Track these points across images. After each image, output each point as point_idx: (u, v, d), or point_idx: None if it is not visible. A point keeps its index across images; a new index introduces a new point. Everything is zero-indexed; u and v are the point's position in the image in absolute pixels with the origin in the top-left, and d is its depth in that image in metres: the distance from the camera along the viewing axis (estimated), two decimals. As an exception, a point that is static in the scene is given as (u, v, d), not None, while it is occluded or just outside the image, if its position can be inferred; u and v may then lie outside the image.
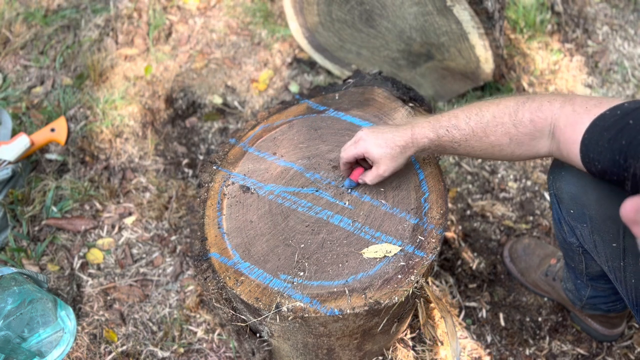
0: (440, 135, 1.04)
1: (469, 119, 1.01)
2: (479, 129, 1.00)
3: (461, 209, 1.80)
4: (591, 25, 2.31)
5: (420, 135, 1.05)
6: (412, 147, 1.07)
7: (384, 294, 1.01)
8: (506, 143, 0.99)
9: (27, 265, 1.66)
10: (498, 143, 1.00)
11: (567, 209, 1.08)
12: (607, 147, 0.85)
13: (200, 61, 2.24)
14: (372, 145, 1.08)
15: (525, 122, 0.96)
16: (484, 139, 1.01)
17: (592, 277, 1.29)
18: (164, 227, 1.77)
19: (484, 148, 1.02)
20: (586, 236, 1.07)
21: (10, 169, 1.73)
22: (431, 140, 1.05)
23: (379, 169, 1.10)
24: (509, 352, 1.52)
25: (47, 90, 2.13)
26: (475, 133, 1.01)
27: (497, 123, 0.99)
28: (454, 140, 1.03)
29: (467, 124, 1.01)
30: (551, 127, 0.95)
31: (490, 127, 0.99)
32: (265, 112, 1.37)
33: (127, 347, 1.53)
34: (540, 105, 0.95)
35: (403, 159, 1.09)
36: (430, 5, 1.71)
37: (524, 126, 0.97)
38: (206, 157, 1.96)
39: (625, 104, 0.87)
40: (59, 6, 2.41)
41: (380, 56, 2.04)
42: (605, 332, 1.49)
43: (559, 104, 0.94)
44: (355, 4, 1.87)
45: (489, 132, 1.00)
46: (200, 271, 1.09)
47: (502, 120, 0.98)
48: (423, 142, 1.05)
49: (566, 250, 1.25)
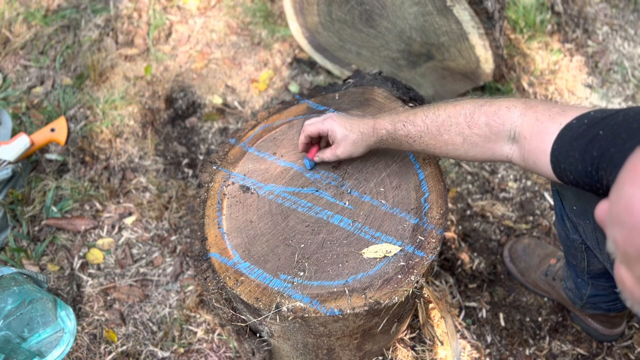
0: (397, 129, 1.08)
1: (425, 117, 1.05)
2: (434, 127, 1.04)
3: (461, 209, 1.80)
4: (591, 25, 2.31)
5: (380, 126, 1.10)
6: (372, 136, 1.11)
7: (384, 294, 1.01)
8: (459, 142, 1.02)
9: (27, 265, 1.66)
10: (451, 142, 1.03)
11: (570, 205, 1.08)
12: (578, 158, 0.85)
13: (200, 61, 2.24)
14: (337, 126, 1.13)
15: (481, 125, 0.99)
16: (437, 137, 1.04)
17: (593, 275, 1.29)
18: (164, 227, 1.77)
19: (438, 146, 1.05)
20: (589, 233, 1.07)
21: (10, 169, 1.73)
22: (388, 132, 1.09)
23: (337, 149, 1.15)
24: (509, 352, 1.52)
25: (47, 90, 2.13)
26: (430, 130, 1.05)
27: (451, 123, 1.02)
28: (409, 135, 1.07)
29: (423, 121, 1.05)
30: (511, 134, 0.96)
31: (445, 126, 1.03)
32: (265, 112, 1.37)
33: (127, 347, 1.53)
34: (497, 110, 0.97)
35: (362, 145, 1.13)
36: (430, 5, 1.71)
37: (479, 128, 0.99)
38: (206, 157, 1.96)
39: (592, 113, 0.86)
40: (59, 6, 2.41)
41: (380, 56, 2.04)
42: (605, 331, 1.49)
43: (519, 112, 0.95)
44: (355, 4, 1.87)
45: (442, 130, 1.03)
46: (200, 271, 1.09)
47: (457, 120, 1.01)
48: (381, 133, 1.10)
49: (568, 247, 1.25)
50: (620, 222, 0.55)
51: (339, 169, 1.22)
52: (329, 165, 1.22)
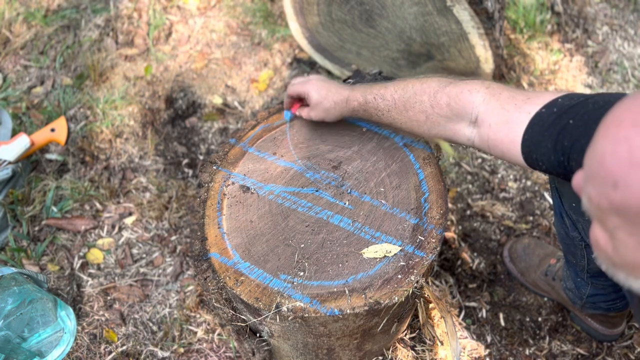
0: (367, 101, 1.12)
1: (394, 92, 1.08)
2: (400, 103, 1.07)
3: (461, 209, 1.80)
4: (591, 25, 2.31)
5: (352, 97, 1.15)
6: (345, 107, 1.16)
7: (384, 294, 1.01)
8: (422, 120, 1.05)
9: (27, 265, 1.66)
10: (415, 119, 1.06)
11: (569, 202, 1.08)
12: (550, 148, 0.86)
13: (200, 61, 2.24)
14: (313, 90, 1.19)
15: (442, 105, 1.01)
16: (403, 113, 1.08)
17: (593, 273, 1.29)
18: (164, 227, 1.77)
19: (404, 121, 1.09)
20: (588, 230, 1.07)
21: (10, 169, 1.73)
22: (360, 104, 1.13)
23: (311, 112, 1.22)
24: (509, 352, 1.52)
25: (47, 90, 2.13)
26: (397, 106, 1.08)
27: (416, 100, 1.05)
28: (378, 108, 1.11)
29: (392, 95, 1.08)
30: (472, 117, 0.98)
31: (410, 103, 1.06)
32: (265, 112, 1.37)
33: (127, 347, 1.53)
34: (459, 93, 0.99)
35: (334, 113, 1.19)
36: (430, 5, 1.71)
37: (440, 108, 1.01)
38: (206, 157, 1.96)
39: (559, 100, 0.87)
40: (59, 6, 2.41)
41: (380, 56, 2.04)
42: (605, 331, 1.49)
43: (482, 97, 0.96)
44: (355, 4, 1.87)
45: (408, 106, 1.06)
46: (200, 271, 1.09)
47: (422, 98, 1.04)
48: (353, 105, 1.15)
49: (568, 245, 1.25)
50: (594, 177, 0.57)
51: (339, 169, 1.22)
52: (329, 165, 1.22)
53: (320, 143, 1.27)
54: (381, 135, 1.27)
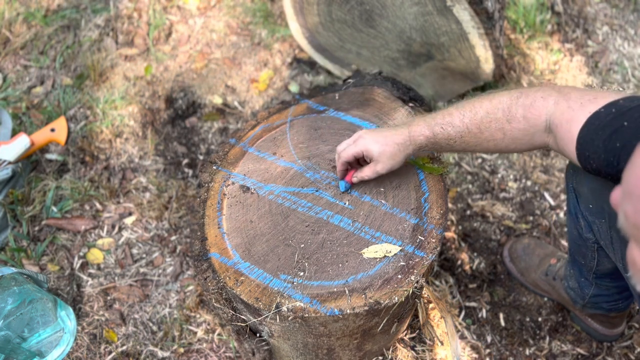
0: (435, 133, 1.06)
1: (463, 116, 1.03)
2: (473, 126, 1.02)
3: (461, 209, 1.80)
4: (591, 25, 2.31)
5: (416, 133, 1.07)
6: (410, 145, 1.08)
7: (384, 294, 1.01)
8: (500, 138, 1.01)
9: (27, 265, 1.66)
10: (492, 138, 1.02)
11: (586, 203, 1.08)
12: (602, 148, 0.86)
13: (200, 61, 2.24)
14: (371, 143, 1.09)
15: (519, 118, 0.98)
16: (478, 135, 1.02)
17: (599, 275, 1.29)
18: (164, 227, 1.77)
19: (479, 143, 1.04)
20: (603, 232, 1.07)
21: (10, 169, 1.73)
22: (427, 138, 1.07)
23: (377, 166, 1.11)
24: (509, 352, 1.52)
25: (47, 90, 2.13)
26: (470, 130, 1.03)
27: (490, 119, 1.00)
28: (449, 137, 1.05)
29: (462, 120, 1.03)
30: (547, 123, 0.96)
31: (485, 124, 1.01)
32: (265, 112, 1.37)
33: (127, 347, 1.53)
34: (533, 102, 0.97)
35: (401, 157, 1.10)
36: (430, 5, 1.70)
37: (517, 122, 0.98)
38: (206, 157, 1.96)
39: (620, 101, 0.87)
40: (59, 6, 2.41)
41: (380, 56, 2.04)
42: (605, 332, 1.49)
43: (553, 100, 0.95)
44: (355, 4, 1.87)
45: (483, 128, 1.01)
46: (200, 271, 1.09)
47: (496, 116, 1.00)
48: (420, 140, 1.07)
49: (579, 246, 1.24)
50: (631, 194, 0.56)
51: (339, 169, 1.22)
52: (329, 165, 1.22)
53: (320, 143, 1.27)
54: (381, 135, 1.27)
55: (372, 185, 1.18)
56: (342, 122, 1.31)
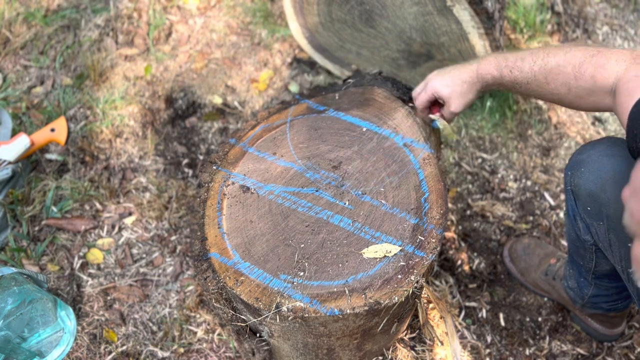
0: (503, 75, 1.06)
1: (534, 63, 1.02)
2: (541, 75, 1.02)
3: (461, 209, 1.80)
4: (591, 25, 2.31)
5: (484, 71, 1.08)
6: (478, 82, 1.10)
7: (384, 294, 1.01)
8: (564, 93, 1.00)
9: (27, 265, 1.66)
10: (557, 92, 1.01)
11: (584, 206, 1.08)
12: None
13: (200, 61, 2.24)
14: (440, 86, 1.12)
15: (587, 77, 0.96)
16: (544, 85, 1.02)
17: (598, 275, 1.29)
18: (164, 227, 1.77)
19: (544, 94, 1.04)
20: (601, 234, 1.07)
21: (10, 169, 1.73)
22: (494, 78, 1.07)
23: (451, 107, 1.14)
24: (509, 352, 1.52)
25: (47, 90, 2.13)
26: (537, 78, 1.02)
27: (559, 72, 0.99)
28: (516, 81, 1.05)
29: (531, 67, 1.03)
30: (613, 87, 0.93)
31: (552, 75, 1.00)
32: (265, 112, 1.37)
33: (127, 347, 1.53)
34: (606, 62, 0.94)
35: (472, 94, 1.12)
36: (430, 5, 1.70)
37: (585, 80, 0.96)
38: (206, 157, 1.96)
39: None
40: (59, 6, 2.41)
41: (380, 56, 2.04)
42: (605, 331, 1.49)
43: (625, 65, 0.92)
44: (355, 4, 1.87)
45: (549, 79, 1.01)
46: (200, 271, 1.09)
47: (565, 70, 0.98)
48: (487, 79, 1.08)
49: (577, 247, 1.24)
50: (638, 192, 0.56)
51: (339, 169, 1.22)
52: (329, 165, 1.22)
53: (320, 143, 1.27)
54: (381, 135, 1.27)
55: (372, 185, 1.18)
56: (342, 122, 1.31)
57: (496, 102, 2.00)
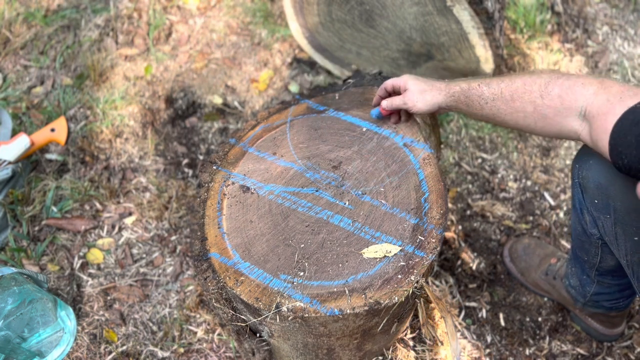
0: (471, 87, 1.10)
1: (501, 81, 1.08)
2: (507, 92, 1.06)
3: (461, 209, 1.80)
4: (591, 25, 2.31)
5: (453, 84, 1.14)
6: (444, 90, 1.15)
7: (384, 294, 1.01)
8: (530, 111, 1.03)
9: (27, 265, 1.66)
10: (522, 109, 1.04)
11: (592, 198, 1.09)
12: (634, 143, 0.86)
13: (200, 61, 2.24)
14: (411, 79, 1.19)
15: (553, 96, 0.99)
16: (509, 103, 1.05)
17: (602, 272, 1.29)
18: (164, 227, 1.77)
19: (509, 112, 1.06)
20: (608, 228, 1.07)
21: (10, 169, 1.73)
22: (462, 90, 1.12)
23: (406, 96, 1.18)
24: (509, 352, 1.52)
25: (47, 90, 2.13)
26: (503, 95, 1.06)
27: (525, 90, 1.03)
28: (482, 96, 1.09)
29: (498, 85, 1.07)
30: (581, 111, 0.96)
31: (519, 92, 1.04)
32: (265, 112, 1.37)
33: (127, 347, 1.53)
34: (573, 85, 0.97)
35: (430, 97, 1.16)
36: (430, 5, 1.70)
37: (551, 99, 0.99)
38: (206, 157, 1.96)
39: None
40: (59, 6, 2.41)
41: (380, 56, 2.04)
42: (605, 331, 1.49)
43: (594, 90, 0.95)
44: (355, 4, 1.87)
45: (515, 96, 1.04)
46: (200, 271, 1.09)
47: (531, 88, 1.02)
48: (454, 90, 1.13)
49: (582, 242, 1.25)
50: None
51: (339, 169, 1.22)
52: (329, 165, 1.22)
53: (320, 143, 1.27)
54: (381, 135, 1.27)
55: (372, 185, 1.18)
56: (342, 122, 1.31)
57: (496, 102, 2.00)
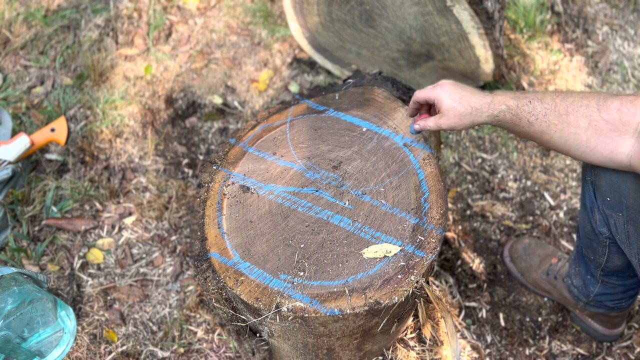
0: (520, 105, 1.02)
1: (556, 96, 1.01)
2: (562, 106, 0.99)
3: (461, 209, 1.80)
4: (591, 25, 2.31)
5: (499, 101, 1.04)
6: (485, 112, 1.05)
7: (384, 294, 1.01)
8: (584, 127, 0.97)
9: (27, 265, 1.66)
10: (575, 124, 0.98)
11: (604, 196, 1.07)
12: None
13: (200, 61, 2.24)
14: (445, 95, 1.07)
15: (612, 109, 0.94)
16: (563, 117, 0.99)
17: (607, 272, 1.29)
18: (164, 227, 1.77)
19: (560, 127, 1.00)
20: (620, 226, 1.06)
21: (10, 169, 1.73)
22: (509, 108, 1.03)
23: (440, 119, 1.09)
24: (509, 352, 1.52)
25: (47, 90, 2.13)
26: (557, 108, 1.00)
27: (582, 104, 0.97)
28: (533, 112, 1.01)
29: (553, 99, 1.01)
30: (638, 127, 0.92)
31: (575, 106, 0.98)
32: (265, 112, 1.37)
33: (127, 347, 1.53)
34: (634, 100, 0.93)
35: (468, 120, 1.07)
36: (430, 6, 1.70)
37: (609, 112, 0.94)
38: (206, 157, 1.96)
39: None
40: (59, 6, 2.41)
41: (380, 56, 2.04)
42: (605, 332, 1.49)
43: None
44: (355, 4, 1.87)
45: (570, 110, 0.98)
46: (200, 271, 1.09)
47: (589, 102, 0.97)
48: (499, 109, 1.04)
49: (590, 241, 1.24)
50: None
51: (339, 169, 1.22)
52: (329, 165, 1.22)
53: (320, 143, 1.27)
54: (381, 135, 1.27)
55: (372, 185, 1.18)
56: (342, 122, 1.31)
57: (496, 102, 2.00)
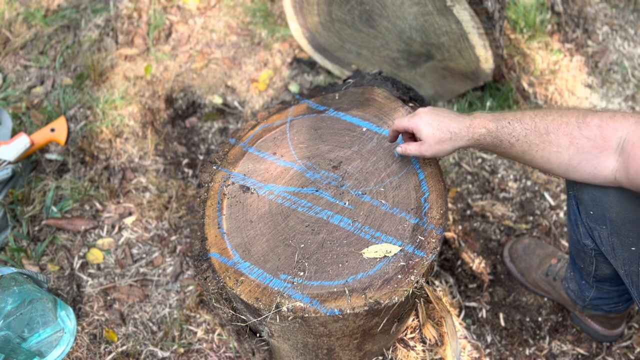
0: (500, 127, 1.02)
1: (534, 115, 1.00)
2: (542, 125, 0.98)
3: (461, 209, 1.80)
4: (591, 25, 2.31)
5: (478, 124, 1.03)
6: (465, 136, 1.05)
7: (384, 294, 1.01)
8: (565, 145, 0.96)
9: (27, 265, 1.66)
10: (557, 143, 0.97)
11: (587, 210, 1.07)
12: None
13: (200, 61, 2.24)
14: (423, 124, 1.08)
15: (592, 126, 0.93)
16: (544, 136, 0.98)
17: (599, 279, 1.29)
18: (164, 227, 1.77)
19: (542, 147, 0.99)
20: (604, 238, 1.06)
21: (10, 169, 1.73)
22: (489, 131, 1.03)
23: (422, 147, 1.09)
24: (509, 352, 1.52)
25: (47, 90, 2.13)
26: (537, 127, 0.99)
27: (561, 122, 0.97)
28: (513, 133, 1.01)
29: (532, 118, 1.00)
30: (620, 142, 0.91)
31: (554, 124, 0.97)
32: (265, 112, 1.37)
33: (127, 347, 1.53)
34: (613, 115, 0.92)
35: (448, 145, 1.07)
36: (430, 5, 1.70)
37: (589, 130, 0.93)
38: (206, 157, 1.96)
39: None
40: (59, 6, 2.41)
41: (380, 56, 2.04)
42: (605, 332, 1.49)
43: (635, 120, 0.90)
44: (355, 4, 1.87)
45: (550, 129, 0.97)
46: (200, 271, 1.09)
47: (568, 119, 0.96)
48: (480, 132, 1.03)
49: (578, 251, 1.24)
50: None
51: (339, 169, 1.22)
52: (329, 165, 1.22)
53: (320, 143, 1.27)
54: (381, 135, 1.27)
55: (372, 185, 1.18)
56: (342, 122, 1.31)
57: (496, 102, 2.00)
